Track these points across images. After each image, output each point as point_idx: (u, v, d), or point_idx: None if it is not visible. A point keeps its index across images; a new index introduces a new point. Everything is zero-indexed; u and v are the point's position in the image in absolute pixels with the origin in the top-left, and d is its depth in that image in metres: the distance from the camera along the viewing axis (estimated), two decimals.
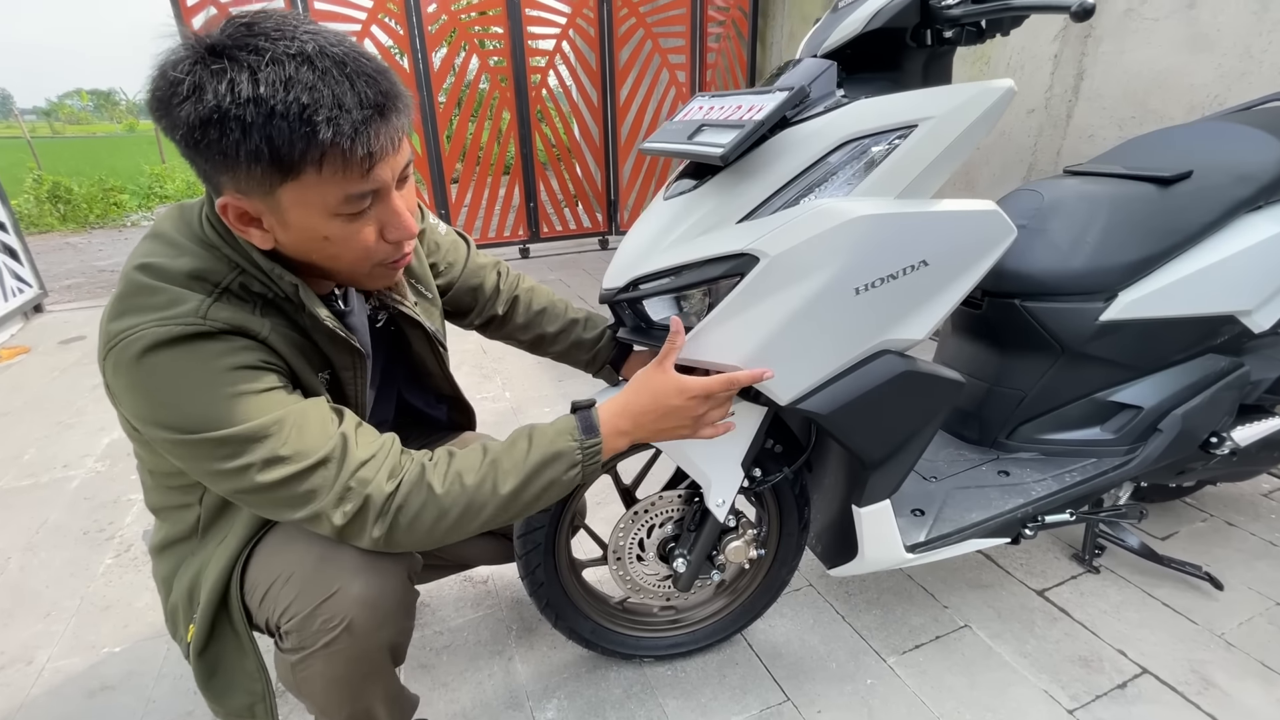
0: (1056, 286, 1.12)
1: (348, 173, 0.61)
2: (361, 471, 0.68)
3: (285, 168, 0.59)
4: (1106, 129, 2.16)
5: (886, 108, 0.80)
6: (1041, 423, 1.23)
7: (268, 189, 0.61)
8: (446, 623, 1.37)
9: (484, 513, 0.73)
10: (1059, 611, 1.35)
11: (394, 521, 0.69)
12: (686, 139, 0.88)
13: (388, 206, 0.68)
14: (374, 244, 0.69)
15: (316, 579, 0.74)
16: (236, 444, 0.64)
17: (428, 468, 0.72)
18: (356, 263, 0.70)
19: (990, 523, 1.12)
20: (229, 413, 0.64)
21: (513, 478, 0.74)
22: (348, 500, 0.67)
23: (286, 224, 0.65)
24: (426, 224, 1.03)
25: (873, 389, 0.88)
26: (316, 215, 0.64)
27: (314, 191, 0.62)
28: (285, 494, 0.66)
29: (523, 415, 2.29)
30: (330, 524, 0.68)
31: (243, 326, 0.67)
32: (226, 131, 0.57)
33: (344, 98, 0.58)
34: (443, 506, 0.71)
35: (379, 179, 0.64)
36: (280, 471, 0.65)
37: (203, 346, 0.64)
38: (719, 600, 1.26)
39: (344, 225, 0.66)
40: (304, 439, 0.67)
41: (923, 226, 0.81)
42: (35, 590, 1.48)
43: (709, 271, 0.84)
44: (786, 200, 0.82)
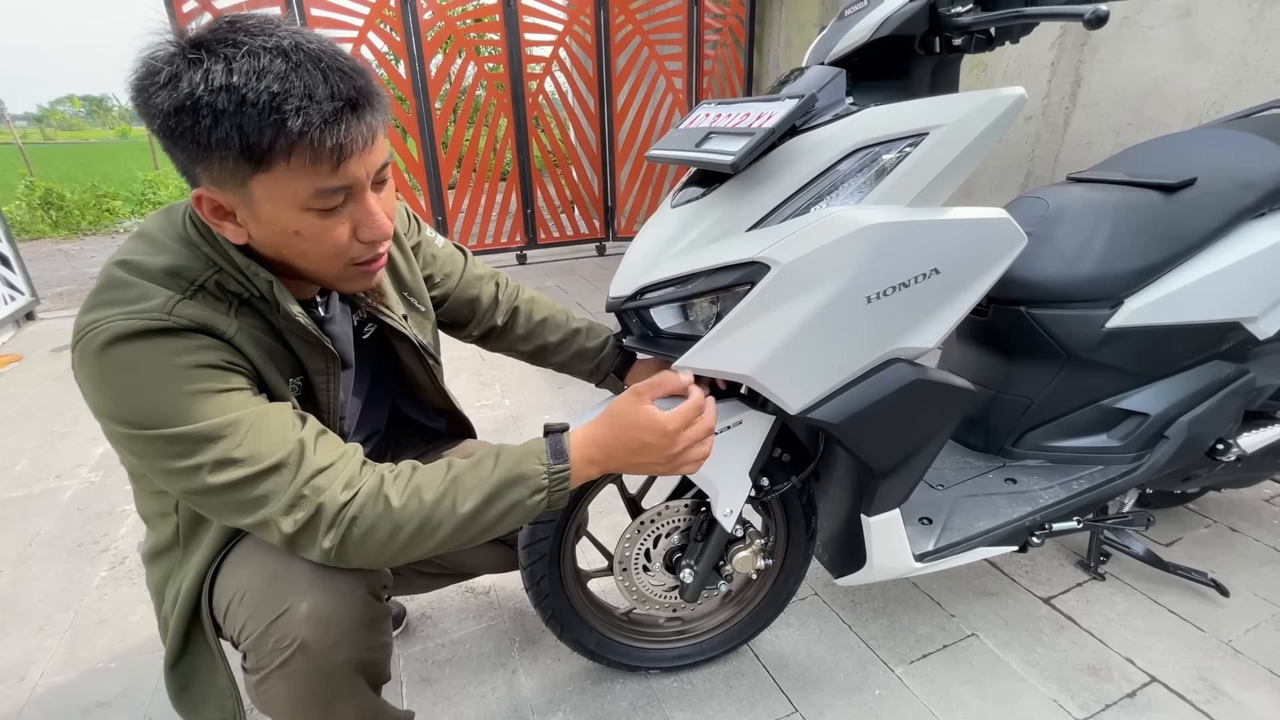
0: (1062, 294, 1.12)
1: (317, 165, 0.61)
2: (317, 479, 0.66)
3: (255, 158, 0.59)
4: (1104, 136, 2.17)
5: (897, 115, 0.79)
6: (1048, 430, 1.23)
7: (240, 180, 0.61)
8: (448, 635, 1.35)
9: (439, 532, 0.69)
10: (1066, 619, 1.35)
11: (346, 533, 0.67)
12: (694, 146, 0.88)
13: (361, 205, 0.67)
14: (346, 242, 0.68)
15: (268, 596, 0.72)
16: (189, 442, 0.63)
17: (386, 480, 0.70)
18: (328, 260, 0.69)
19: (998, 531, 1.12)
20: (184, 410, 0.63)
21: (473, 497, 0.70)
22: (299, 508, 0.66)
23: (258, 218, 0.65)
24: (423, 236, 1.02)
25: (883, 398, 0.87)
26: (287, 209, 0.64)
27: (285, 184, 0.62)
28: (236, 497, 0.65)
29: (522, 423, 2.27)
30: (280, 532, 0.66)
31: (208, 325, 0.66)
32: (199, 119, 0.57)
33: (315, 89, 0.59)
34: (397, 521, 0.68)
35: (350, 174, 0.64)
36: (232, 474, 0.64)
37: (164, 342, 0.64)
38: (725, 611, 1.25)
39: (316, 221, 0.65)
40: (260, 442, 0.65)
41: (934, 234, 0.81)
42: (28, 604, 1.45)
43: (718, 280, 0.83)
44: (797, 208, 0.82)
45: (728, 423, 0.98)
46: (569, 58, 4.27)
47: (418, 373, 1.00)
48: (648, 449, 0.76)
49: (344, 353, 0.87)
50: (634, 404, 0.77)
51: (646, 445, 0.76)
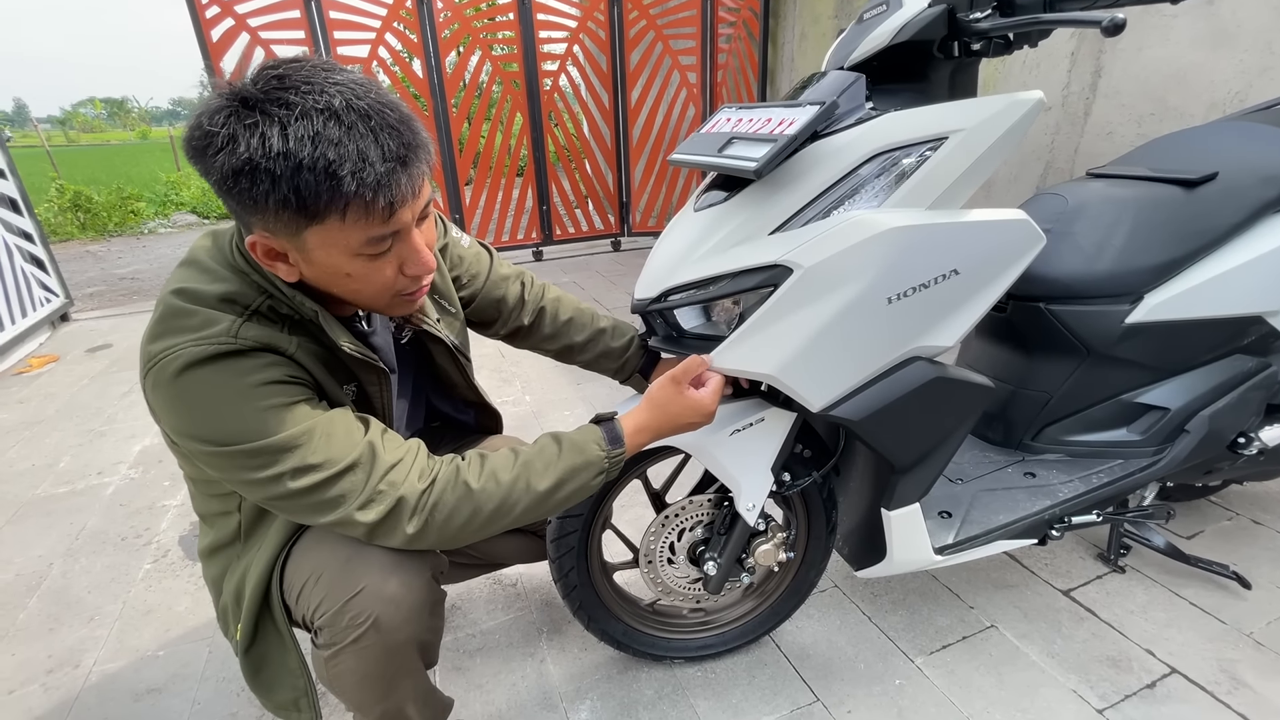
0: (1082, 290, 1.13)
1: (370, 219, 0.65)
2: (391, 474, 0.73)
3: (310, 214, 0.63)
4: (1125, 126, 2.15)
5: (917, 120, 0.81)
6: (1068, 424, 1.24)
7: (294, 231, 0.65)
8: (478, 625, 1.40)
9: (516, 509, 0.77)
10: (1085, 611, 1.36)
11: (429, 518, 0.73)
12: (717, 151, 0.90)
13: (407, 245, 0.71)
14: (393, 279, 0.73)
15: (344, 577, 0.78)
16: (269, 454, 0.68)
17: (462, 467, 0.77)
18: (377, 295, 0.74)
19: (1017, 525, 1.13)
20: (260, 425, 0.68)
21: (547, 478, 0.78)
22: (379, 501, 0.72)
23: (311, 261, 0.69)
24: (449, 237, 1.05)
25: (903, 395, 0.89)
26: (339, 255, 0.68)
27: (338, 235, 0.65)
28: (316, 499, 0.70)
29: (543, 418, 2.32)
30: (361, 524, 0.72)
31: (271, 344, 0.71)
32: (257, 181, 0.60)
33: (368, 152, 0.62)
34: (477, 503, 0.75)
35: (400, 222, 0.68)
36: (311, 478, 0.69)
37: (235, 363, 0.68)
38: (748, 603, 1.28)
39: (366, 264, 0.69)
40: (331, 447, 0.71)
41: (954, 236, 0.83)
42: (78, 596, 1.52)
43: (742, 283, 0.86)
44: (818, 212, 0.84)
45: (750, 420, 1.00)
46: (583, 54, 4.29)
47: (451, 371, 1.05)
48: (691, 425, 0.88)
49: (389, 362, 0.92)
50: (676, 391, 0.87)
51: (691, 424, 0.88)
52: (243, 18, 3.44)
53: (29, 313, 3.26)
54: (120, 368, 2.98)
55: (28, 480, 2.05)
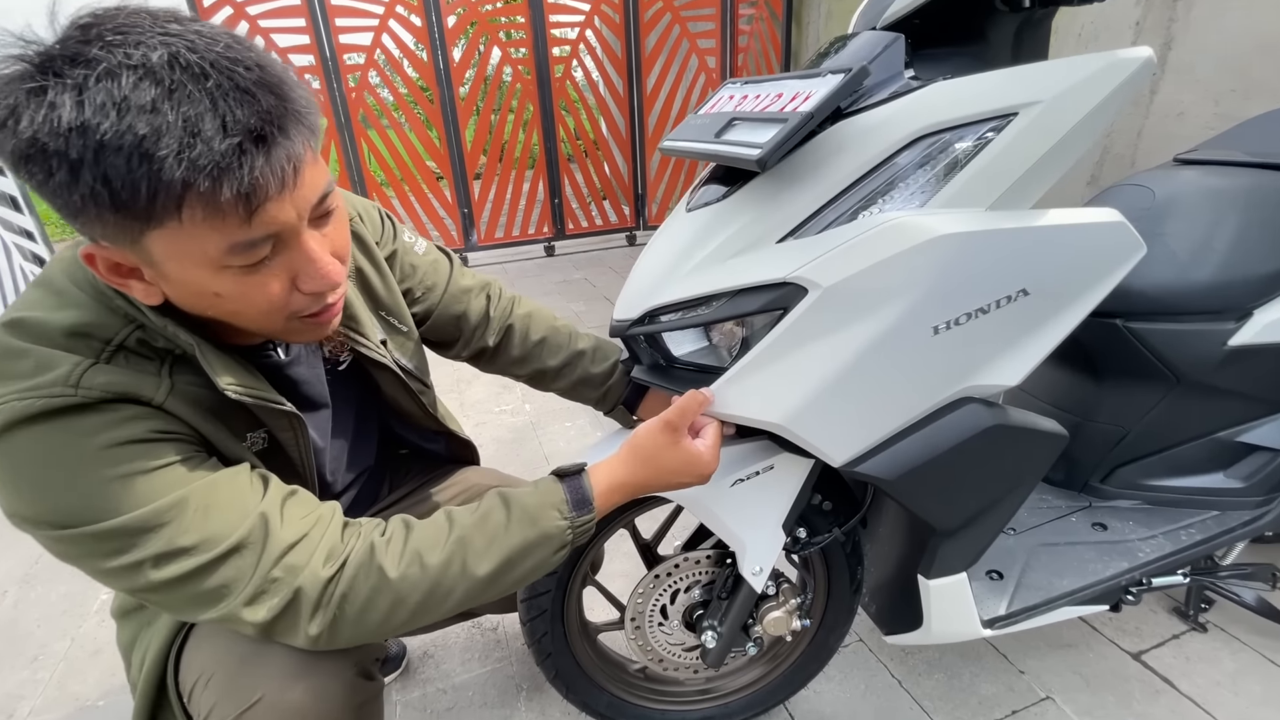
0: (1173, 304, 0.91)
1: (222, 219, 0.47)
2: (289, 557, 0.56)
3: (138, 214, 0.45)
4: (1200, 106, 1.89)
5: (976, 91, 0.61)
6: (1147, 465, 1.02)
7: (131, 238, 0.48)
8: (451, 678, 1.24)
9: (452, 598, 0.62)
10: (1161, 681, 1.15)
11: (338, 614, 0.57)
12: (713, 137, 0.72)
13: (297, 253, 0.53)
14: (283, 298, 0.55)
15: (237, 683, 0.64)
16: (123, 537, 0.53)
17: (378, 546, 0.60)
18: (265, 319, 0.56)
19: (1087, 591, 0.93)
20: (111, 500, 0.52)
21: (489, 559, 0.62)
22: (271, 594, 0.56)
23: (167, 278, 0.52)
24: (399, 242, 0.88)
25: (951, 448, 0.70)
26: (198, 270, 0.50)
27: (186, 242, 0.48)
28: (191, 591, 0.55)
29: (542, 430, 2.15)
30: (252, 624, 0.56)
31: (129, 392, 0.54)
32: (51, 171, 0.43)
33: (200, 123, 0.44)
34: (399, 593, 0.59)
35: (272, 222, 0.49)
36: (181, 565, 0.54)
37: (75, 422, 0.52)
38: (757, 669, 1.09)
39: (238, 279, 0.52)
40: (210, 523, 0.55)
41: (1024, 246, 0.63)
42: (27, 630, 1.41)
43: (742, 305, 0.67)
44: (841, 214, 0.64)
45: (756, 468, 0.82)
46: (596, 39, 4.08)
47: (403, 401, 0.88)
48: (681, 485, 0.72)
49: (314, 396, 0.76)
50: (669, 441, 0.69)
51: (681, 483, 0.71)
52: (241, 6, 3.31)
53: None
54: None
55: None
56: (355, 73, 3.62)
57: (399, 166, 3.96)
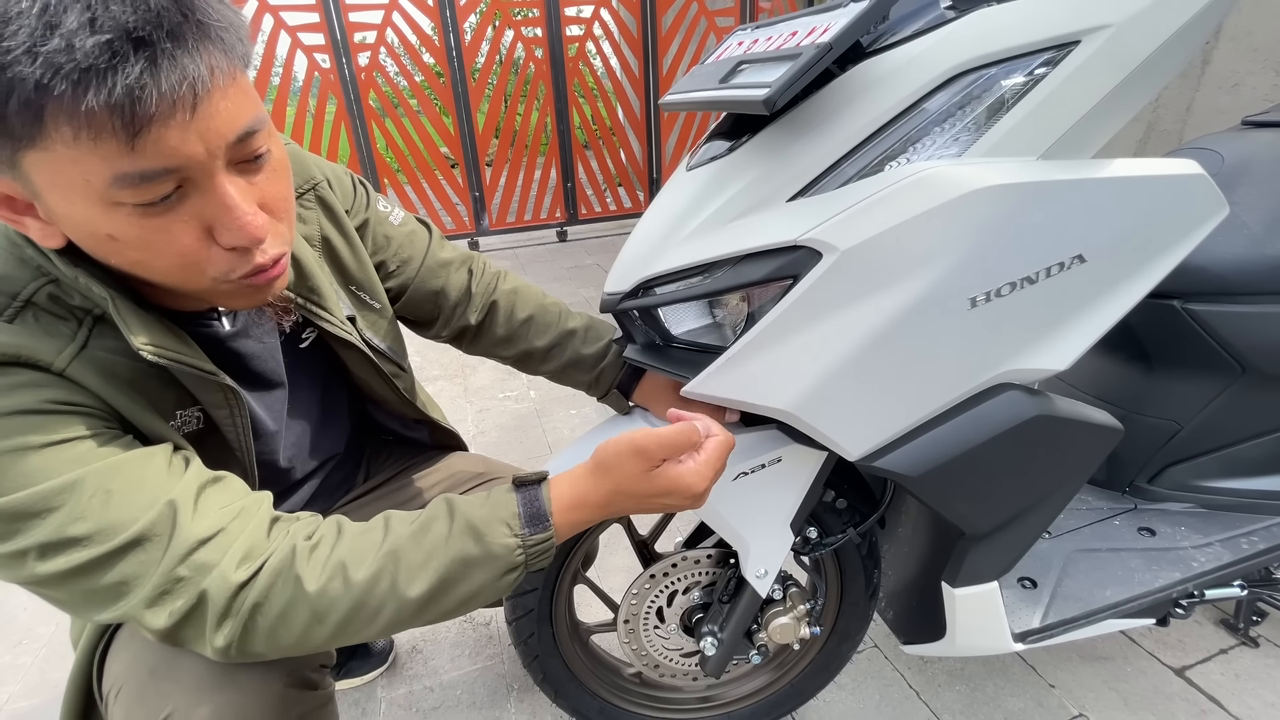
0: (1242, 283, 0.80)
1: (97, 140, 0.39)
2: (198, 554, 0.49)
3: (6, 124, 0.38)
4: (1259, 76, 1.74)
5: (1027, 17, 0.51)
6: (1203, 465, 0.92)
7: (7, 161, 0.41)
8: (439, 675, 1.18)
9: (379, 619, 0.53)
10: (1207, 700, 1.04)
11: (249, 624, 0.50)
12: (718, 83, 0.62)
13: (211, 199, 0.45)
14: (196, 251, 0.47)
15: (144, 698, 0.57)
16: (4, 521, 0.46)
17: (300, 552, 0.51)
18: (180, 276, 0.48)
19: (1132, 604, 0.83)
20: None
21: (423, 578, 0.53)
22: (175, 594, 0.48)
23: (55, 214, 0.44)
24: (372, 211, 0.79)
25: (986, 442, 0.60)
26: (85, 204, 0.43)
27: (66, 167, 0.41)
28: (84, 587, 0.48)
29: (546, 418, 2.08)
30: (151, 628, 0.49)
31: (20, 355, 0.47)
32: None
33: (62, 14, 0.36)
34: (317, 608, 0.51)
35: (169, 152, 0.42)
36: (72, 558, 0.46)
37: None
38: (762, 676, 1.01)
39: (135, 222, 0.44)
40: (109, 510, 0.48)
41: (1081, 203, 0.53)
42: (12, 613, 1.37)
43: (747, 273, 0.58)
44: (864, 166, 0.55)
45: (762, 460, 0.73)
46: (612, 18, 3.97)
47: (375, 385, 0.80)
48: (666, 508, 0.60)
49: (265, 372, 0.68)
50: (638, 470, 0.56)
51: (666, 506, 0.60)
52: None
53: None
54: None
55: None
56: (365, 52, 3.55)
57: (410, 149, 3.89)
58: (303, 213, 0.70)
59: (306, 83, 3.53)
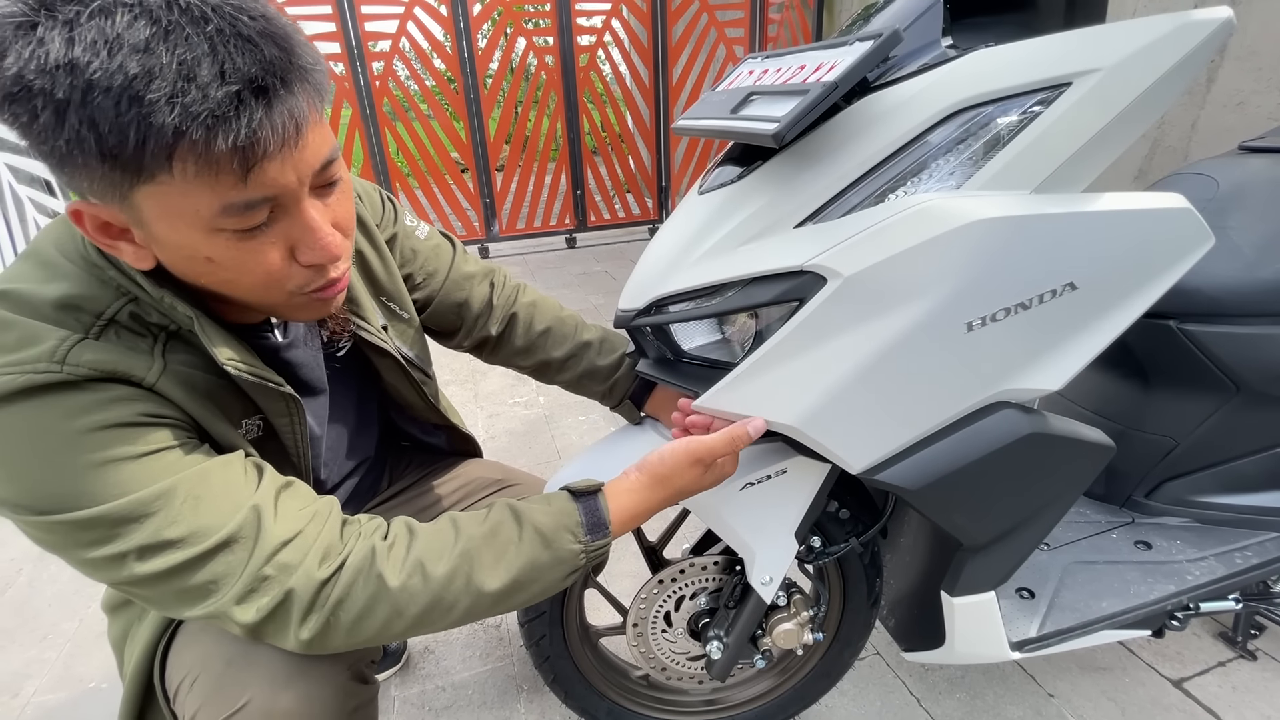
0: (1236, 305, 0.83)
1: (216, 175, 0.44)
2: (282, 554, 0.53)
3: (125, 165, 0.42)
4: (1263, 95, 1.76)
5: (1023, 59, 0.55)
6: (1198, 481, 0.94)
7: (120, 194, 0.45)
8: (450, 675, 1.21)
9: (454, 612, 0.58)
10: (1204, 712, 1.06)
11: (330, 619, 0.54)
12: (729, 113, 0.66)
13: (297, 221, 0.50)
14: (281, 269, 0.52)
15: (223, 686, 0.61)
16: (105, 526, 0.50)
17: (379, 551, 0.56)
18: (263, 292, 0.53)
19: (1128, 615, 0.85)
20: (94, 486, 0.49)
21: (496, 577, 0.59)
22: (261, 592, 0.52)
23: (157, 240, 0.48)
24: (400, 226, 0.84)
25: (983, 457, 0.63)
26: (190, 231, 0.47)
27: (178, 199, 0.45)
28: (177, 586, 0.52)
29: (555, 424, 2.11)
30: (239, 623, 0.53)
31: (117, 371, 0.51)
32: (36, 113, 0.41)
33: (196, 67, 0.41)
34: (398, 604, 0.55)
35: (270, 184, 0.47)
36: (168, 559, 0.50)
37: (59, 401, 0.49)
38: (766, 681, 1.04)
39: (233, 245, 0.49)
40: (200, 515, 0.52)
41: (1072, 234, 0.56)
42: (38, 609, 1.42)
43: (755, 295, 0.61)
44: (867, 196, 0.58)
45: (768, 471, 0.76)
46: (622, 28, 4.02)
47: (404, 390, 0.85)
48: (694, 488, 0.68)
49: (312, 381, 0.73)
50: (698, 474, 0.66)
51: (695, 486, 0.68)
52: None
53: None
54: None
55: None
56: (380, 60, 3.61)
57: (422, 156, 3.95)
58: None
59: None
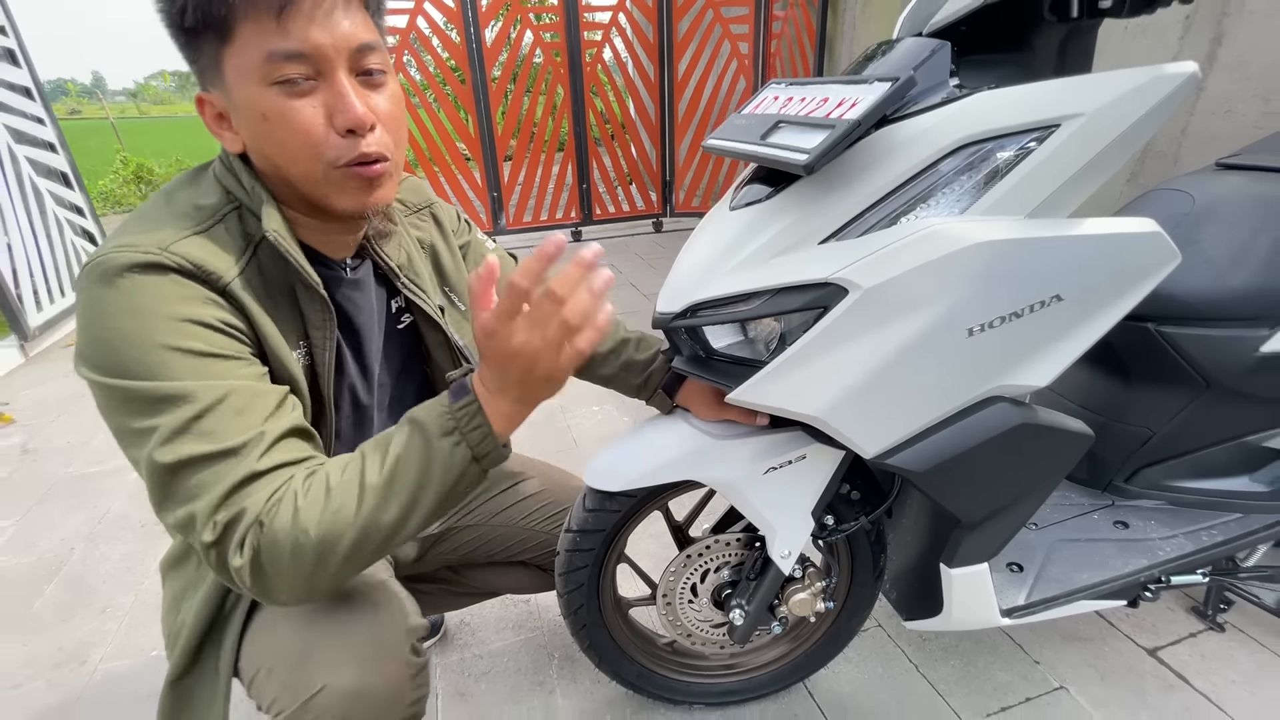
0: (1207, 310, 0.92)
1: (261, 24, 0.57)
2: (260, 480, 0.56)
3: (214, 23, 0.57)
4: (1249, 104, 1.85)
5: (1019, 101, 0.63)
6: (1172, 467, 1.04)
7: (215, 66, 0.60)
8: (487, 645, 1.31)
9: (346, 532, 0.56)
10: (1175, 677, 1.17)
11: (257, 550, 0.55)
12: (759, 139, 0.75)
13: (332, 88, 0.61)
14: (320, 130, 0.61)
15: (299, 675, 0.67)
16: (148, 401, 0.55)
17: (298, 480, 0.58)
18: (306, 157, 0.62)
19: (1105, 586, 0.96)
20: (153, 364, 0.55)
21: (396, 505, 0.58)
22: (225, 507, 0.55)
23: (236, 107, 0.62)
24: (473, 237, 0.97)
25: (980, 444, 0.73)
26: (251, 85, 0.59)
27: (242, 54, 0.59)
28: (178, 479, 0.55)
29: (570, 413, 2.21)
30: (200, 537, 0.55)
31: (206, 267, 0.60)
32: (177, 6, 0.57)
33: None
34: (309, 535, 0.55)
35: (305, 38, 0.58)
36: (180, 449, 0.54)
37: (152, 281, 0.58)
38: (780, 647, 1.14)
39: (280, 99, 0.60)
40: (223, 420, 0.56)
41: (1059, 254, 0.65)
42: (93, 585, 1.51)
43: (784, 302, 0.70)
44: (883, 218, 0.67)
45: (789, 456, 0.86)
46: (628, 23, 4.08)
47: (447, 370, 0.93)
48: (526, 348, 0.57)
49: (362, 325, 0.80)
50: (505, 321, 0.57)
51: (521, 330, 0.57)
52: None
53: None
54: None
55: (62, 457, 2.07)
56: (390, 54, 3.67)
57: (429, 148, 4.01)
58: (419, 223, 0.88)
59: None
